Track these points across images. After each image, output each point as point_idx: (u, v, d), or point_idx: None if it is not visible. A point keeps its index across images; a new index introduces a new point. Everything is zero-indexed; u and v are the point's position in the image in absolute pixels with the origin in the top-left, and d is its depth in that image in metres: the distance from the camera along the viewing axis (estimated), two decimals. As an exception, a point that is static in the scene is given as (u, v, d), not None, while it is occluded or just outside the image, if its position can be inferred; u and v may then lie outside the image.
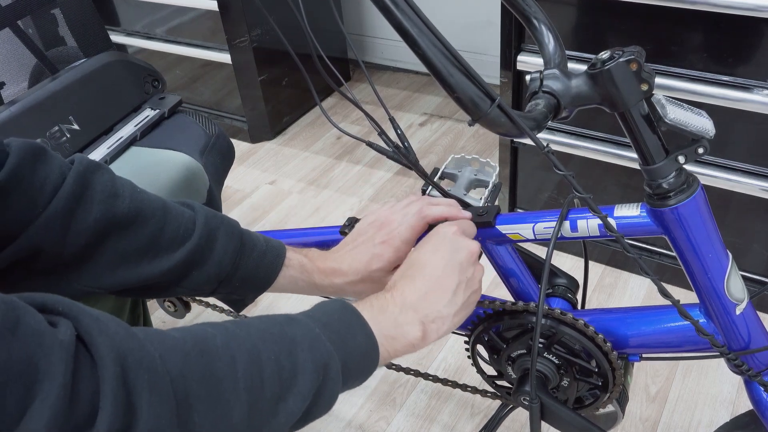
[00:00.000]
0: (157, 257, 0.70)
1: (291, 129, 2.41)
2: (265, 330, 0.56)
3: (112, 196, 0.68)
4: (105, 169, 0.70)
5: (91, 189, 0.67)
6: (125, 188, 0.70)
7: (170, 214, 0.71)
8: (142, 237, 0.69)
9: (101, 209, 0.67)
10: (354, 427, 1.38)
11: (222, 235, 0.73)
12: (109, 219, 0.67)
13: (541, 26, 0.72)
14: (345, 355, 0.59)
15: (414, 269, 0.69)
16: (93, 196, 0.67)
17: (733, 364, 0.75)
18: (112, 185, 0.68)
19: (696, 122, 0.65)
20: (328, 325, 0.60)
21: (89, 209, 0.66)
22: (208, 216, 0.73)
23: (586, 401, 0.88)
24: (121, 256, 0.69)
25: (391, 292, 0.67)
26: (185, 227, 0.71)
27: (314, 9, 0.84)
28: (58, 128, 1.08)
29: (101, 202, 0.67)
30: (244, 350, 0.53)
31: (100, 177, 0.68)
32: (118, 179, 0.70)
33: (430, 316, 0.66)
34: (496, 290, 1.59)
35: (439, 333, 0.67)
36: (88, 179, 0.67)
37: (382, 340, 0.63)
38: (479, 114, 0.56)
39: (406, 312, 0.65)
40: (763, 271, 1.49)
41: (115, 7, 2.32)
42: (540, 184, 1.70)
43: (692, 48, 1.28)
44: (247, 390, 0.52)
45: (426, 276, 0.68)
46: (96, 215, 0.66)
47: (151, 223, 0.69)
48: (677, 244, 0.71)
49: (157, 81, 1.25)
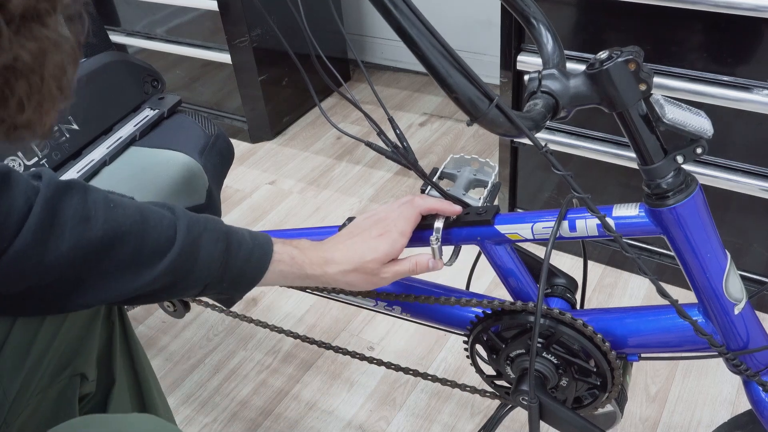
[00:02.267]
0: (139, 272, 0.67)
1: (291, 129, 2.41)
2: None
3: (84, 220, 0.64)
4: (75, 189, 0.65)
5: (61, 216, 0.63)
6: (98, 208, 0.65)
7: (148, 225, 0.68)
8: (121, 256, 0.66)
9: (74, 237, 0.63)
10: (354, 427, 1.38)
11: (206, 241, 0.71)
12: (83, 246, 0.64)
13: (540, 26, 0.72)
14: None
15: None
16: (64, 224, 0.63)
17: (732, 363, 0.75)
18: (83, 208, 0.64)
19: (694, 122, 0.65)
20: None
21: (61, 238, 0.63)
22: (191, 222, 0.71)
23: (584, 401, 0.88)
24: (102, 277, 0.66)
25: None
26: (166, 236, 0.69)
27: (314, 9, 0.84)
28: (58, 128, 1.08)
29: (72, 229, 0.63)
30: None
31: (69, 200, 0.64)
32: (90, 197, 0.66)
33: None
34: (496, 290, 1.60)
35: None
36: (56, 205, 0.63)
37: None
38: (478, 114, 0.56)
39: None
40: (762, 271, 1.49)
41: (115, 7, 2.32)
42: (539, 184, 1.71)
43: (692, 48, 1.28)
44: None
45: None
46: (69, 244, 0.63)
47: (129, 241, 0.66)
48: (676, 244, 0.71)
49: (157, 81, 1.25)
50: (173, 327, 1.62)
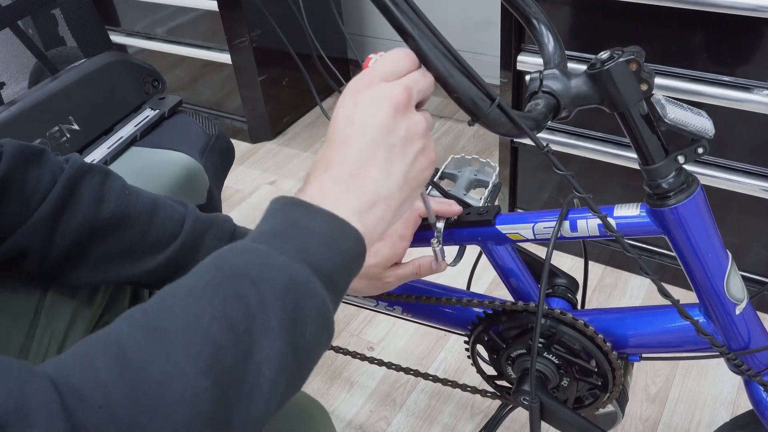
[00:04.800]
0: (140, 259, 0.70)
1: (291, 129, 2.41)
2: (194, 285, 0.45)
3: (97, 201, 0.68)
4: (96, 172, 0.69)
5: (78, 194, 0.67)
6: (113, 192, 0.69)
7: (157, 217, 0.71)
8: (125, 240, 0.69)
9: (85, 214, 0.67)
10: (354, 427, 1.38)
11: (209, 239, 0.73)
12: (92, 224, 0.67)
13: (541, 26, 0.72)
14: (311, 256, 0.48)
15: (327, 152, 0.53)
16: (80, 201, 0.67)
17: (733, 364, 0.75)
18: (100, 189, 0.68)
19: (695, 122, 0.65)
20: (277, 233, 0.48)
21: (75, 214, 0.67)
22: (197, 220, 0.73)
23: (585, 401, 0.88)
24: (103, 258, 0.70)
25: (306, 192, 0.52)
26: (171, 230, 0.71)
27: (314, 9, 0.84)
28: (58, 128, 1.08)
29: (86, 207, 0.67)
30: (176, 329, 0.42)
31: (90, 181, 0.68)
32: (108, 181, 0.70)
33: (364, 202, 0.51)
34: (496, 290, 1.59)
35: (383, 220, 0.52)
36: (77, 184, 0.67)
37: None
38: (479, 114, 0.56)
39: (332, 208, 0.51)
40: (763, 271, 1.49)
41: (115, 7, 2.32)
42: (540, 184, 1.70)
43: (692, 48, 1.28)
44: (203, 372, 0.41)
45: (343, 155, 0.52)
46: (80, 220, 0.67)
47: (135, 228, 0.69)
48: (677, 244, 0.71)
49: (157, 81, 1.25)
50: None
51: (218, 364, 0.42)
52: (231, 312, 0.43)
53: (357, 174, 0.51)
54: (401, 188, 0.53)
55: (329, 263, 0.48)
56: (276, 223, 0.49)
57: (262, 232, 0.49)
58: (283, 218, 0.50)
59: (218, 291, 0.44)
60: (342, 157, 0.52)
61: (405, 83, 0.53)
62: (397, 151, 0.52)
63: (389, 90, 0.52)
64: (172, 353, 0.41)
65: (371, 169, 0.51)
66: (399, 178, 0.52)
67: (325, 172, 0.52)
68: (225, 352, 0.42)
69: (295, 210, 0.50)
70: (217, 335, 0.42)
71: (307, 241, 0.48)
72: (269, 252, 0.47)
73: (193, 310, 0.43)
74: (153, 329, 0.42)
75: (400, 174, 0.52)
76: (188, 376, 0.41)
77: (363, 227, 0.51)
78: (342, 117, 0.53)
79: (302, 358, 0.46)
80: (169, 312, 0.43)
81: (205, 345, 0.42)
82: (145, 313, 0.43)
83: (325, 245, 0.48)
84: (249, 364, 0.43)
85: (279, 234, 0.48)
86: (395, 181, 0.52)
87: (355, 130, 0.52)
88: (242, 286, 0.44)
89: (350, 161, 0.51)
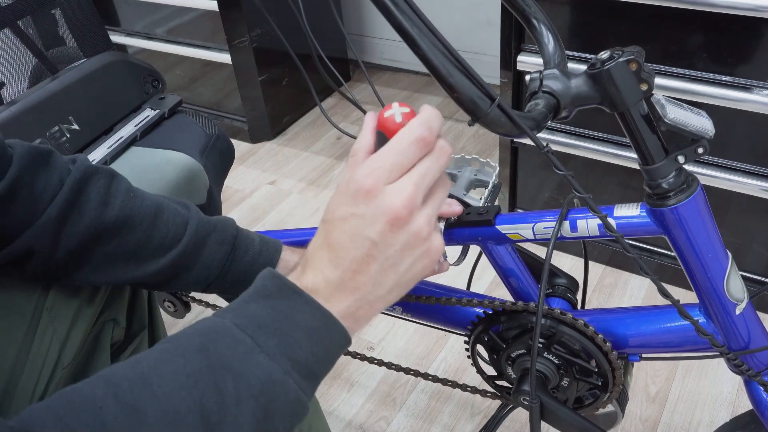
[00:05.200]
0: (144, 262, 0.71)
1: (291, 129, 2.41)
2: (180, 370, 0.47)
3: (103, 203, 0.69)
4: (102, 174, 0.70)
5: (84, 196, 0.68)
6: (118, 194, 0.70)
7: (161, 220, 0.72)
8: (129, 243, 0.70)
9: (91, 216, 0.68)
10: (354, 427, 1.38)
11: (211, 242, 0.74)
12: (97, 226, 0.68)
13: (541, 26, 0.72)
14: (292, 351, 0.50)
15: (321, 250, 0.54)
16: (86, 203, 0.68)
17: (733, 364, 0.75)
18: (106, 192, 0.69)
19: (695, 122, 0.65)
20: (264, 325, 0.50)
21: (81, 216, 0.68)
22: (200, 223, 0.74)
23: (585, 401, 0.88)
24: (108, 259, 0.71)
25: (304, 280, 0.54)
26: (174, 233, 0.72)
27: (314, 9, 0.84)
28: (58, 128, 1.08)
29: (92, 210, 0.68)
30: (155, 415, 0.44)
31: (96, 183, 0.69)
32: (114, 183, 0.71)
33: (352, 307, 0.53)
34: (496, 290, 1.59)
35: (367, 319, 0.55)
36: (83, 186, 0.68)
37: None
38: (479, 114, 0.56)
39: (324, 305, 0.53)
40: (763, 271, 1.49)
41: (115, 7, 2.32)
42: (540, 184, 1.70)
43: (692, 48, 1.28)
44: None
45: (334, 262, 0.53)
46: (86, 222, 0.68)
47: (139, 230, 0.70)
48: (677, 244, 0.71)
49: (157, 81, 1.25)
50: (174, 327, 1.62)
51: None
52: (207, 404, 0.46)
53: (347, 282, 0.52)
54: (391, 291, 0.54)
55: (312, 357, 0.51)
56: (266, 311, 0.51)
57: (252, 316, 0.50)
58: (272, 307, 0.51)
59: (200, 382, 0.46)
60: (333, 263, 0.53)
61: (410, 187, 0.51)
62: (391, 262, 0.52)
63: (389, 203, 0.51)
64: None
65: (362, 280, 0.52)
66: (390, 285, 0.53)
67: (317, 270, 0.53)
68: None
69: (287, 299, 0.51)
70: (191, 425, 0.45)
71: (292, 334, 0.50)
72: (252, 347, 0.49)
73: (173, 398, 0.45)
74: (134, 411, 0.44)
75: (392, 282, 0.53)
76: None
77: (348, 325, 0.53)
78: (338, 218, 0.52)
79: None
80: (152, 395, 0.45)
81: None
82: (132, 391, 0.45)
83: (309, 339, 0.51)
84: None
85: (265, 326, 0.50)
86: (385, 288, 0.53)
87: (347, 240, 0.52)
88: (222, 380, 0.47)
89: (340, 269, 0.52)
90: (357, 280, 0.52)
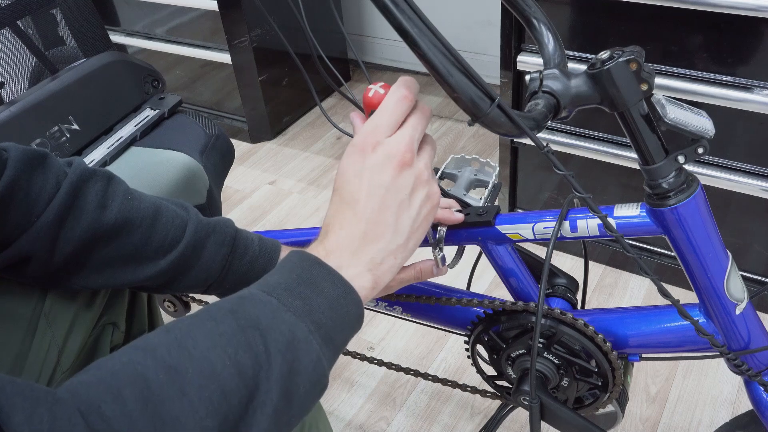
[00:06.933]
0: (142, 264, 0.71)
1: (291, 129, 2.41)
2: (212, 331, 0.50)
3: (100, 207, 0.68)
4: (99, 177, 0.70)
5: (81, 199, 0.67)
6: (116, 197, 0.69)
7: (159, 222, 0.71)
8: (127, 245, 0.70)
9: (89, 219, 0.67)
10: (354, 427, 1.38)
11: (211, 244, 0.74)
12: (95, 229, 0.68)
13: (541, 26, 0.72)
14: (315, 315, 0.53)
15: (340, 212, 0.59)
16: (83, 207, 0.67)
17: (733, 364, 0.75)
18: (103, 195, 0.69)
19: (696, 122, 0.65)
20: (289, 288, 0.54)
21: (78, 219, 0.67)
22: (199, 225, 0.74)
23: (585, 401, 0.88)
24: (106, 263, 0.70)
25: (325, 245, 0.58)
26: (173, 236, 0.72)
27: (314, 9, 0.84)
28: (58, 128, 1.08)
29: (90, 213, 0.67)
30: (194, 372, 0.47)
31: (93, 186, 0.68)
32: (111, 186, 0.70)
33: (376, 259, 0.58)
34: (496, 290, 1.59)
35: (393, 271, 0.59)
36: (80, 189, 0.67)
37: None
38: (479, 114, 0.56)
39: (348, 264, 0.57)
40: (763, 271, 1.49)
41: (115, 7, 2.32)
42: (540, 184, 1.70)
43: (692, 48, 1.28)
44: (211, 414, 0.46)
45: (355, 218, 0.57)
46: (83, 225, 0.67)
47: (137, 233, 0.70)
48: (677, 244, 0.71)
49: (157, 81, 1.25)
50: (173, 327, 1.63)
51: (224, 407, 0.47)
52: (241, 360, 0.48)
53: (369, 233, 0.57)
54: (409, 238, 0.59)
55: (331, 322, 0.54)
56: (290, 278, 0.55)
57: (277, 283, 0.54)
58: (297, 275, 0.55)
59: (233, 340, 0.49)
60: (354, 218, 0.58)
61: (407, 135, 0.58)
62: (405, 206, 0.58)
63: (394, 148, 0.57)
64: (188, 393, 0.46)
65: (382, 228, 0.58)
66: (407, 230, 0.59)
67: (341, 229, 0.58)
68: (232, 396, 0.47)
69: (310, 269, 0.56)
70: (227, 381, 0.47)
71: (314, 300, 0.54)
72: (278, 307, 0.52)
73: (209, 357, 0.48)
74: (174, 370, 0.46)
75: (408, 226, 0.59)
76: (199, 414, 0.45)
77: (374, 278, 0.58)
78: (351, 175, 0.58)
79: (294, 407, 0.51)
80: (189, 356, 0.48)
81: (216, 389, 0.47)
82: (170, 353, 0.47)
83: (330, 306, 0.54)
84: (249, 408, 0.48)
85: (290, 290, 0.54)
86: (404, 235, 0.59)
87: (365, 191, 0.57)
88: (253, 337, 0.50)
89: (362, 221, 0.57)
90: (378, 231, 0.57)
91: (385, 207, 0.57)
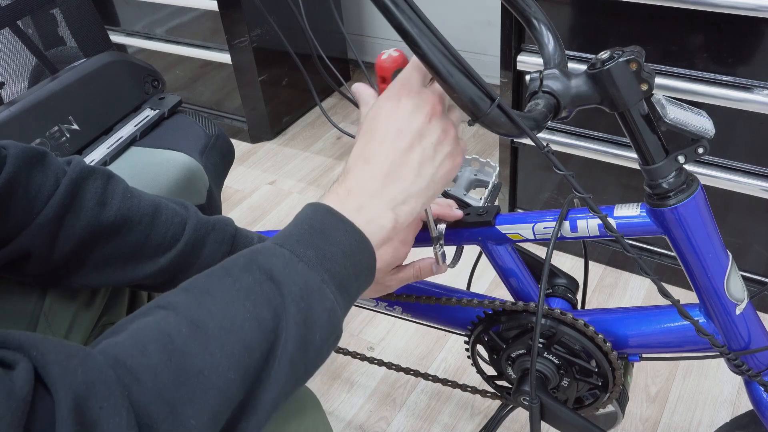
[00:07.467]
0: (142, 262, 0.71)
1: (291, 129, 2.41)
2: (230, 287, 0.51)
3: (100, 204, 0.68)
4: (98, 175, 0.70)
5: (81, 197, 0.68)
6: (115, 195, 0.70)
7: (159, 220, 0.71)
8: (127, 244, 0.70)
9: (88, 218, 0.67)
10: (354, 428, 1.38)
11: (210, 242, 0.74)
12: (94, 227, 0.68)
13: (541, 26, 0.72)
14: (328, 263, 0.54)
15: (367, 149, 0.59)
16: (82, 204, 0.67)
17: (733, 364, 0.75)
18: (102, 192, 0.69)
19: (696, 122, 0.65)
20: (301, 239, 0.54)
21: (78, 217, 0.67)
22: (199, 223, 0.74)
23: (586, 401, 0.88)
24: (106, 261, 0.70)
25: (347, 184, 0.59)
26: (173, 234, 0.72)
27: (314, 9, 0.84)
28: (58, 128, 1.08)
29: (89, 210, 0.68)
30: (215, 327, 0.48)
31: (92, 184, 0.69)
32: (110, 184, 0.70)
33: (398, 198, 0.58)
34: (496, 290, 1.59)
35: (413, 213, 0.60)
36: (79, 187, 0.68)
37: None
38: (479, 114, 0.56)
39: (370, 203, 0.58)
40: (763, 271, 1.49)
41: (115, 7, 2.32)
42: (540, 184, 1.70)
43: (692, 48, 1.28)
44: (233, 367, 0.47)
45: (381, 155, 0.59)
46: (83, 223, 0.67)
47: (137, 231, 0.70)
48: (677, 244, 0.71)
49: (157, 81, 1.25)
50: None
51: (246, 359, 0.48)
52: (260, 313, 0.49)
53: (393, 172, 0.58)
54: (429, 187, 0.60)
55: (344, 270, 0.55)
56: (303, 230, 0.55)
57: (289, 234, 0.55)
58: (309, 225, 0.55)
59: (251, 294, 0.50)
60: (381, 155, 0.59)
61: (439, 89, 0.60)
62: (429, 154, 0.59)
63: (429, 96, 0.59)
64: (210, 348, 0.47)
65: (405, 169, 0.58)
66: (428, 178, 0.59)
67: (365, 166, 0.59)
68: (252, 349, 0.48)
69: (322, 218, 0.56)
70: (247, 334, 0.48)
71: (328, 249, 0.54)
72: (291, 258, 0.53)
73: (229, 312, 0.49)
74: (196, 325, 0.48)
75: (429, 174, 0.59)
76: (222, 368, 0.47)
77: (395, 218, 0.58)
78: (383, 117, 0.60)
79: (311, 356, 0.52)
80: (209, 312, 0.49)
81: (237, 342, 0.48)
82: (189, 309, 0.49)
83: (343, 254, 0.55)
84: (269, 360, 0.49)
85: (302, 240, 0.54)
86: (424, 181, 0.59)
87: (394, 132, 0.59)
88: (270, 290, 0.51)
89: (388, 160, 0.58)
90: (402, 172, 0.58)
91: (412, 149, 0.58)
